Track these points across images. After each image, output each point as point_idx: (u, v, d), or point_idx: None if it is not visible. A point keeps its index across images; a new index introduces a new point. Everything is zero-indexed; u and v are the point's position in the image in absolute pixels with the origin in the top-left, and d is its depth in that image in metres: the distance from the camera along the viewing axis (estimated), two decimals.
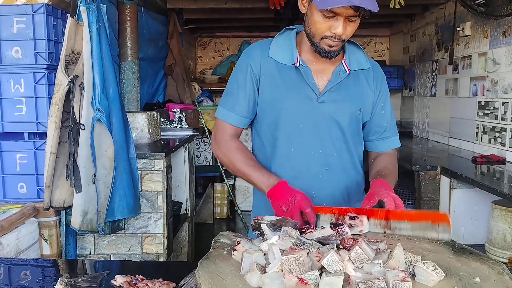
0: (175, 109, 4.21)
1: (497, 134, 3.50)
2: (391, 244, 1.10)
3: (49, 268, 1.45)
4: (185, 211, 3.75)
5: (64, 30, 2.54)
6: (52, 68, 2.61)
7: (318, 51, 1.45)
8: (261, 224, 1.15)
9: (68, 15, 2.51)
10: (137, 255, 2.77)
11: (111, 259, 2.76)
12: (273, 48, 1.55)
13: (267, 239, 1.08)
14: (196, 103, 5.18)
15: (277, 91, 1.52)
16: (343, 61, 1.54)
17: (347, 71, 1.53)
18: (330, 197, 1.56)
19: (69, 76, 2.45)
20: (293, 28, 1.59)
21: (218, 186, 5.34)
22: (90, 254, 2.77)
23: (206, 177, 5.33)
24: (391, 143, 1.65)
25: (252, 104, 1.56)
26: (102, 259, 2.75)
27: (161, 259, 2.78)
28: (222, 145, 1.58)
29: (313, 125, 1.51)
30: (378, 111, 1.59)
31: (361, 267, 0.96)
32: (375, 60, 5.66)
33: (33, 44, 2.56)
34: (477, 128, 3.82)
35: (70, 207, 2.55)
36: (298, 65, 1.51)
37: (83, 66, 2.45)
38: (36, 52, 2.57)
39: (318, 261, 0.95)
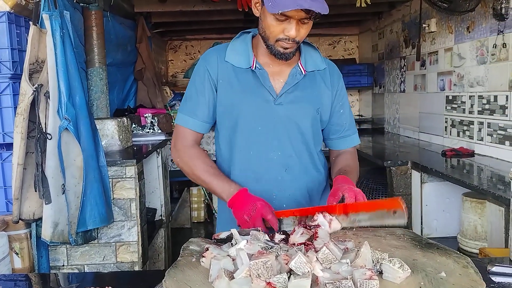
0: (146, 114, 4.17)
1: (465, 128, 3.58)
2: (359, 242, 1.11)
3: (20, 283, 1.41)
4: (160, 217, 3.71)
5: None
6: (16, 78, 2.55)
7: (274, 53, 1.46)
8: (231, 231, 1.16)
9: (30, 22, 2.45)
10: (112, 265, 2.73)
11: (85, 269, 2.71)
12: (230, 53, 1.56)
13: (235, 245, 1.07)
14: (168, 107, 5.14)
15: (234, 95, 1.52)
16: (299, 63, 1.56)
17: (303, 72, 1.55)
18: (291, 198, 1.56)
19: (34, 85, 2.40)
20: (249, 32, 1.60)
21: (194, 190, 5.30)
22: (63, 266, 2.72)
23: (181, 181, 5.29)
24: (352, 141, 1.68)
25: (212, 108, 1.56)
26: (76, 270, 2.70)
27: (137, 267, 2.74)
28: (182, 153, 1.57)
29: (271, 127, 1.52)
30: (337, 110, 1.61)
31: (329, 268, 0.96)
32: (346, 59, 5.70)
33: None
34: (446, 122, 3.89)
35: (41, 219, 2.50)
36: (254, 68, 1.52)
37: (47, 74, 2.40)
38: (0, 62, 2.50)
39: (286, 264, 0.95)
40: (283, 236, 1.12)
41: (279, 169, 1.54)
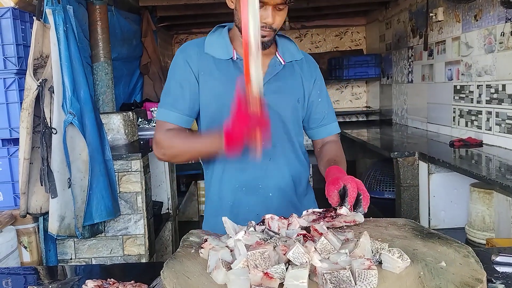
0: (152, 108, 4.18)
1: (473, 117, 3.54)
2: (360, 232, 1.10)
3: (28, 275, 1.42)
4: (167, 210, 3.73)
5: None
6: (22, 73, 2.57)
7: None
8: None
9: (34, 18, 2.46)
10: (119, 258, 2.75)
11: (93, 263, 2.74)
12: (208, 45, 1.54)
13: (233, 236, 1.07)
14: None
15: (217, 86, 1.50)
16: (277, 54, 1.57)
17: (283, 63, 1.55)
18: (276, 187, 1.56)
19: (38, 80, 2.41)
20: (225, 26, 1.59)
21: (202, 183, 5.31)
22: (71, 259, 2.74)
23: (188, 174, 5.30)
24: (332, 129, 1.67)
25: (194, 101, 1.52)
26: (84, 263, 2.73)
27: (144, 260, 2.76)
28: (162, 142, 1.50)
29: None
30: (315, 99, 1.62)
31: (328, 258, 0.96)
32: (353, 50, 5.68)
33: (1, 49, 2.52)
34: (454, 112, 3.85)
35: (48, 213, 2.52)
36: (235, 58, 1.51)
37: (52, 69, 2.41)
38: (5, 57, 2.53)
39: (284, 254, 0.94)
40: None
41: (263, 158, 1.49)
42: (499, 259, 1.19)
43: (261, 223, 1.15)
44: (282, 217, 1.17)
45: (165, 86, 1.56)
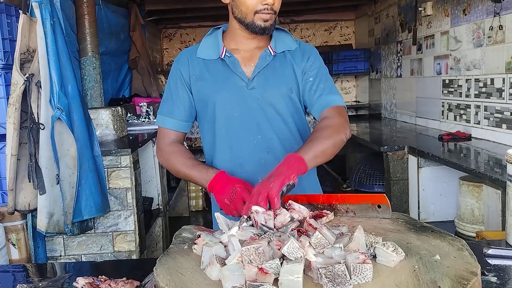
0: (141, 103, 4.14)
1: (462, 111, 3.56)
2: (353, 226, 1.10)
3: (17, 273, 1.40)
4: (157, 206, 3.71)
5: None
6: (9, 68, 2.53)
7: (255, 30, 1.48)
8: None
9: (21, 11, 2.42)
10: (109, 254, 2.72)
11: (83, 259, 2.71)
12: (201, 49, 1.59)
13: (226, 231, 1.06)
14: None
15: (208, 87, 1.55)
16: (269, 46, 1.58)
17: (272, 53, 1.57)
18: None
19: (25, 75, 2.37)
20: (220, 27, 1.63)
21: None
22: (60, 256, 2.71)
23: None
24: (328, 101, 1.53)
25: (188, 107, 1.59)
26: (74, 260, 2.70)
27: (134, 256, 2.74)
28: (163, 152, 1.59)
29: (248, 112, 1.53)
30: (307, 80, 1.58)
31: (322, 252, 0.95)
32: (342, 44, 5.66)
33: None
34: (443, 106, 3.88)
35: (36, 209, 2.49)
36: (223, 56, 1.54)
37: (39, 63, 2.37)
38: None
39: (279, 250, 0.94)
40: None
41: (261, 152, 1.55)
42: (491, 251, 1.19)
43: (249, 219, 1.15)
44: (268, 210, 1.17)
45: (163, 94, 1.65)
